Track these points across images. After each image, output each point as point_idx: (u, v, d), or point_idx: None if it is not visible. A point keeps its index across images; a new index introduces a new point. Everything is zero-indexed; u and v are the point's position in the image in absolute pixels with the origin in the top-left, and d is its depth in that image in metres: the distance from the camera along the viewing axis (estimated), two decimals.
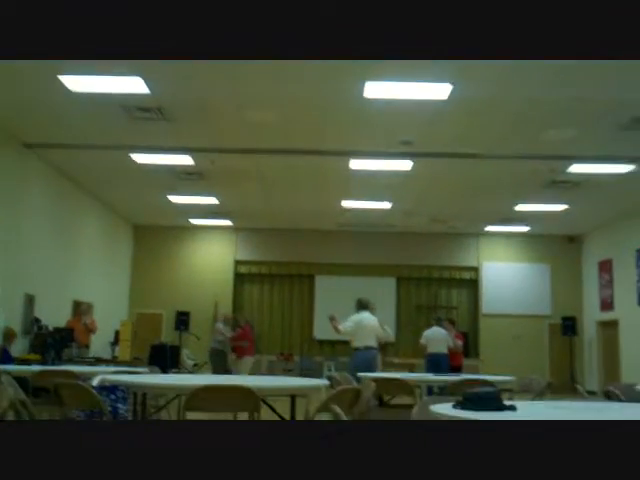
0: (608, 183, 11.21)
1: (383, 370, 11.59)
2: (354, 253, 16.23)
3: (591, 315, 15.72)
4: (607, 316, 14.88)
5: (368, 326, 8.38)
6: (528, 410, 3.01)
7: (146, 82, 7.48)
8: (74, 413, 3.96)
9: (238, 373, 11.52)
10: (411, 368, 13.40)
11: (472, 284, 16.63)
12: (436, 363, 10.09)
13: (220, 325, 11.91)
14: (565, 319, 15.57)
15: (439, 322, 10.98)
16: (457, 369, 10.40)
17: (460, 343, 11.04)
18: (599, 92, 7.55)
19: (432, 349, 10.41)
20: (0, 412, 3.50)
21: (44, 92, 7.91)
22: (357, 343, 8.32)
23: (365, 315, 8.41)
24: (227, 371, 11.38)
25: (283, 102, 8.12)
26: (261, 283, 16.74)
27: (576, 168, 10.38)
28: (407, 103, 7.96)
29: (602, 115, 8.25)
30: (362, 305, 8.53)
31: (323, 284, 16.38)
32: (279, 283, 16.70)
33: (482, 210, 13.83)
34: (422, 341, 10.56)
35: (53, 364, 7.56)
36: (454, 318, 11.55)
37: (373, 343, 8.32)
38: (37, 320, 10.77)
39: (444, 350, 10.44)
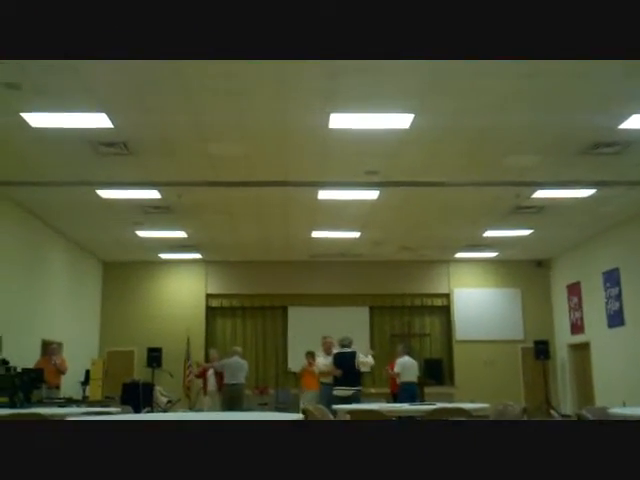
0: (571, 207, 11.41)
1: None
2: (326, 283, 16.20)
3: (562, 338, 15.86)
4: (578, 339, 15.01)
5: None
6: None
7: (109, 117, 7.47)
8: None
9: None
10: (388, 398, 13.38)
11: (444, 311, 16.68)
12: (411, 392, 10.14)
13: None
14: (537, 343, 15.65)
15: (409, 351, 11.06)
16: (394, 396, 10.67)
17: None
18: (556, 120, 7.72)
19: (406, 378, 10.42)
20: None
21: (6, 130, 7.84)
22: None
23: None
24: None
25: (248, 134, 8.16)
26: (233, 316, 16.59)
27: (540, 194, 10.55)
28: (371, 133, 8.07)
29: (561, 141, 8.42)
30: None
31: (296, 315, 16.30)
32: (251, 316, 16.57)
33: (450, 237, 13.95)
34: (397, 369, 10.55)
35: (22, 407, 7.38)
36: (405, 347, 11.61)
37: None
38: (5, 361, 10.52)
39: (415, 379, 10.52)
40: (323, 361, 9.70)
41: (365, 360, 9.81)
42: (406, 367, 10.49)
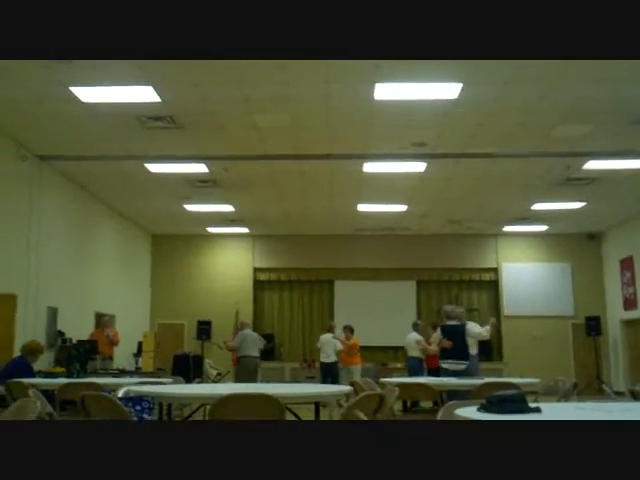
0: (625, 179, 11.10)
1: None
2: (373, 257, 16.18)
3: (615, 314, 15.53)
4: (631, 315, 14.68)
5: None
6: (553, 412, 2.98)
7: (156, 90, 7.54)
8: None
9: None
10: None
11: (492, 285, 16.51)
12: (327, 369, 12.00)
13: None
14: (588, 319, 15.38)
15: (330, 329, 12.48)
16: (435, 371, 10.41)
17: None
18: (607, 88, 7.48)
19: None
20: None
21: (56, 104, 7.98)
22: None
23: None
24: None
25: (294, 107, 8.13)
26: (280, 290, 16.74)
27: (591, 164, 10.28)
28: (417, 104, 7.95)
29: (614, 110, 8.17)
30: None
31: (343, 289, 16.35)
32: (298, 289, 16.69)
33: (499, 210, 13.74)
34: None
35: (78, 376, 7.58)
36: (437, 322, 10.68)
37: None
38: (61, 333, 10.85)
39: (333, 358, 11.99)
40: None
41: (477, 332, 8.86)
42: (322, 344, 11.99)
